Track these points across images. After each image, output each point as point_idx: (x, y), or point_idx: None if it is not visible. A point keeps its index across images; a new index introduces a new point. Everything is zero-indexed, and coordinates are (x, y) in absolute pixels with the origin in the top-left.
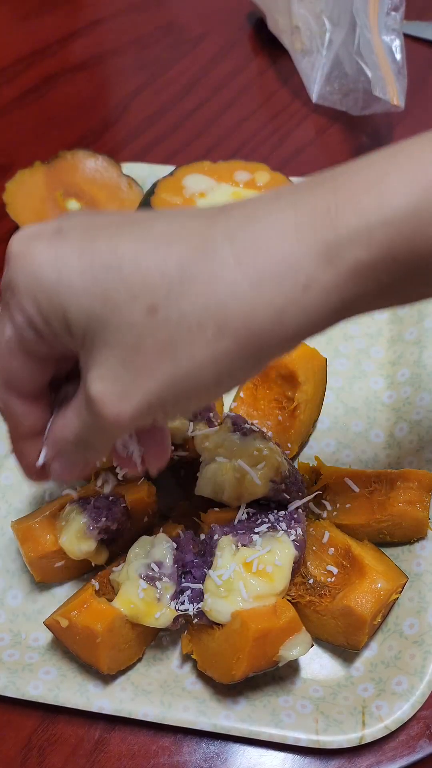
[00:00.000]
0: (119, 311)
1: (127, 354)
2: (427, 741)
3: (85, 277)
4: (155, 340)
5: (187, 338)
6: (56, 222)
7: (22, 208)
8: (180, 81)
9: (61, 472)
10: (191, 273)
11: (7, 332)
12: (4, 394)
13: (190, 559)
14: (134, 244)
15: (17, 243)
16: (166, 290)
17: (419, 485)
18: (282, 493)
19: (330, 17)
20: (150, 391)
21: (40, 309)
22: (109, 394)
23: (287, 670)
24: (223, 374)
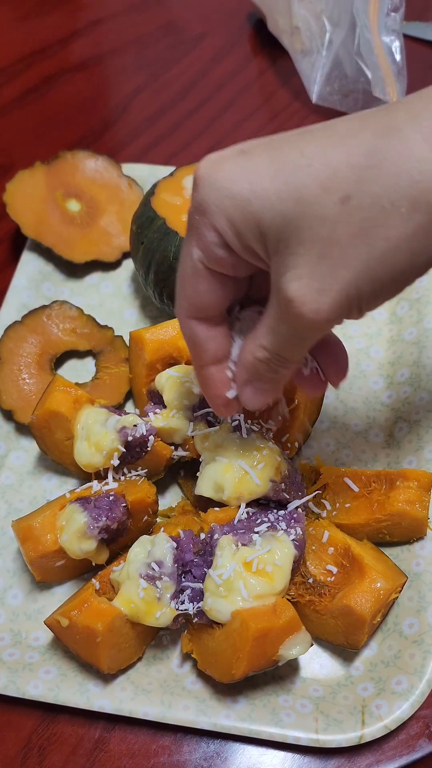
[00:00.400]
0: (312, 207)
1: (323, 247)
2: (426, 740)
3: (276, 182)
4: (349, 228)
5: (381, 219)
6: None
7: (22, 209)
8: (180, 81)
9: (254, 397)
10: (379, 157)
11: (194, 254)
12: (190, 322)
13: (190, 559)
14: (319, 141)
15: (204, 167)
16: (355, 177)
17: (419, 485)
18: (282, 493)
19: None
20: (347, 280)
21: (233, 223)
22: (307, 290)
23: (287, 670)
24: (417, 252)
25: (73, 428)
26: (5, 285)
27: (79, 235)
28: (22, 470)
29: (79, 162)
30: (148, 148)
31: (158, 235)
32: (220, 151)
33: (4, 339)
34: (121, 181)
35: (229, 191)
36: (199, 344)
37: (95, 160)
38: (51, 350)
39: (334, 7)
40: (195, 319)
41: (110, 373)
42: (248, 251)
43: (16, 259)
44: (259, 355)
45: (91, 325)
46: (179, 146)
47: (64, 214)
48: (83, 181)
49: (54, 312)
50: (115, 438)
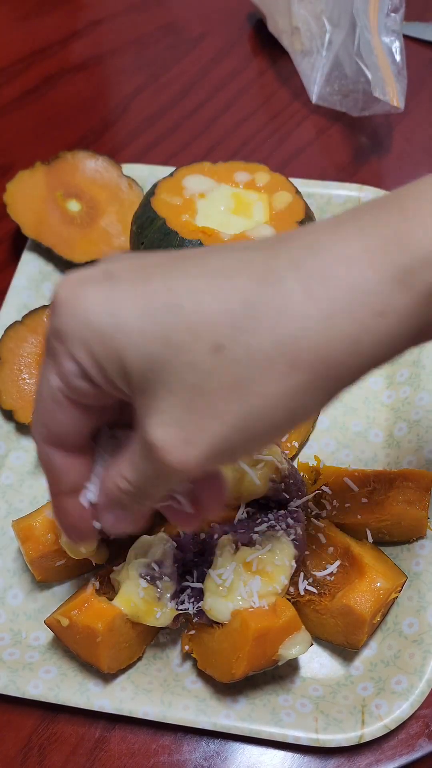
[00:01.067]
0: (181, 352)
1: (191, 397)
2: (426, 740)
3: (142, 320)
4: (221, 381)
5: (257, 376)
6: (103, 266)
7: (22, 209)
8: (180, 81)
9: (115, 524)
10: (257, 307)
11: (52, 383)
12: (46, 448)
13: (190, 559)
14: (192, 280)
15: (64, 289)
16: (230, 327)
17: (418, 485)
18: (282, 492)
19: (330, 18)
20: (217, 434)
21: (93, 356)
22: (172, 440)
23: (287, 669)
24: (297, 409)
25: None
26: (5, 285)
27: (79, 235)
28: (22, 470)
29: (79, 162)
30: (148, 148)
31: (158, 235)
32: (84, 271)
33: (4, 339)
34: (121, 182)
35: (89, 322)
36: (56, 473)
37: (95, 160)
38: None
39: (334, 8)
40: (53, 446)
41: None
42: (111, 385)
43: (16, 259)
44: (121, 486)
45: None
46: (179, 146)
47: (64, 214)
48: (83, 181)
49: None
50: None
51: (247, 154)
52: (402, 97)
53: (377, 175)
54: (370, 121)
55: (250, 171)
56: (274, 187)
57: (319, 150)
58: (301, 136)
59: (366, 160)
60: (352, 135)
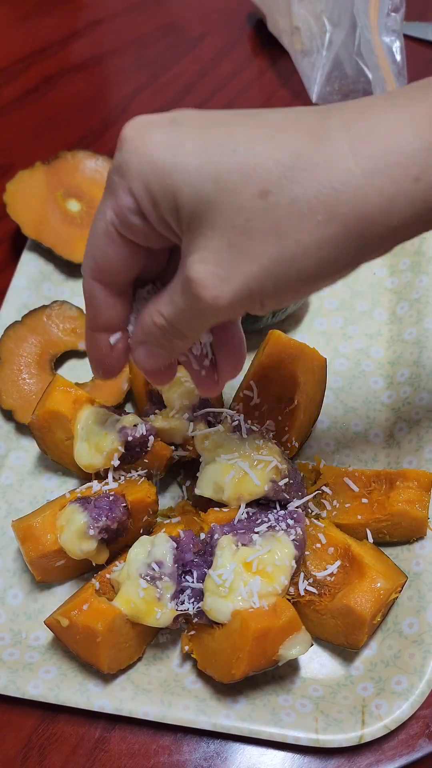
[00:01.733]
0: (230, 193)
1: (233, 237)
2: (426, 740)
3: (199, 159)
4: (263, 224)
5: (296, 222)
6: (169, 114)
7: (22, 209)
8: (180, 81)
9: (146, 358)
10: (305, 159)
11: (108, 216)
12: (92, 282)
13: (190, 559)
14: (249, 129)
15: (131, 128)
16: (278, 174)
17: (418, 485)
18: (282, 493)
19: (330, 18)
20: (252, 274)
21: (150, 190)
22: (210, 276)
23: (287, 670)
24: (326, 260)
25: (73, 428)
26: (5, 285)
27: (79, 235)
28: (22, 470)
29: (79, 162)
30: None
31: None
32: (151, 116)
33: (4, 339)
34: None
35: (151, 158)
36: (96, 308)
37: (95, 160)
38: (51, 350)
39: (335, 7)
40: (98, 281)
41: None
42: (162, 223)
43: (16, 259)
44: (156, 320)
45: None
46: None
47: (64, 214)
48: (83, 181)
49: (54, 312)
50: (115, 439)
51: None
52: None
53: None
54: None
55: None
56: None
57: None
58: None
59: None
60: None
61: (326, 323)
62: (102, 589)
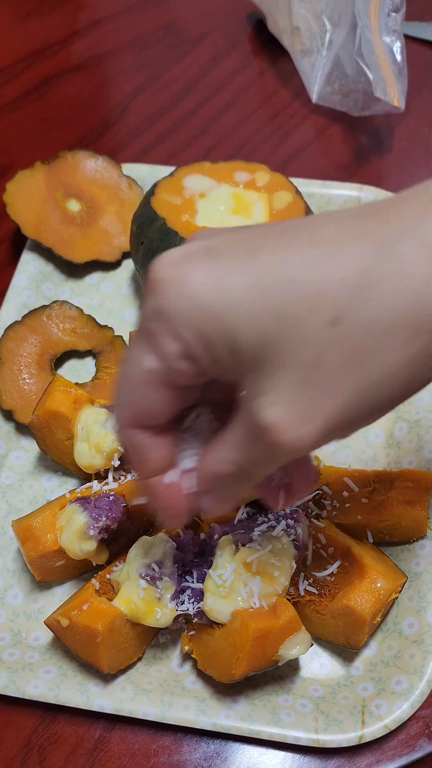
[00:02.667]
0: (296, 328)
1: (306, 373)
2: (426, 740)
3: (254, 295)
4: (338, 354)
5: (376, 346)
6: (200, 242)
7: (22, 209)
8: (180, 81)
9: (217, 506)
10: (374, 275)
11: (147, 365)
12: (132, 431)
13: (190, 559)
14: (303, 252)
15: (165, 268)
16: (347, 298)
17: (418, 485)
18: None
19: (330, 18)
20: (334, 410)
21: (201, 335)
22: (286, 419)
23: (287, 670)
24: (416, 376)
25: (74, 428)
26: (5, 285)
27: (79, 235)
28: (22, 470)
29: (79, 162)
30: (148, 148)
31: (158, 235)
32: (182, 249)
33: (4, 339)
34: (121, 181)
35: (198, 301)
36: (143, 454)
37: (95, 160)
38: (51, 350)
39: (335, 7)
40: (139, 428)
41: (110, 373)
42: (217, 364)
43: (16, 259)
44: (223, 469)
45: (91, 325)
46: (179, 146)
47: (64, 214)
48: (83, 181)
49: (54, 312)
50: (116, 439)
51: (247, 154)
52: (402, 98)
53: (377, 175)
54: (371, 121)
55: (250, 171)
56: (274, 187)
57: (319, 150)
58: (301, 136)
59: (366, 160)
60: (352, 135)
61: None
62: (102, 589)
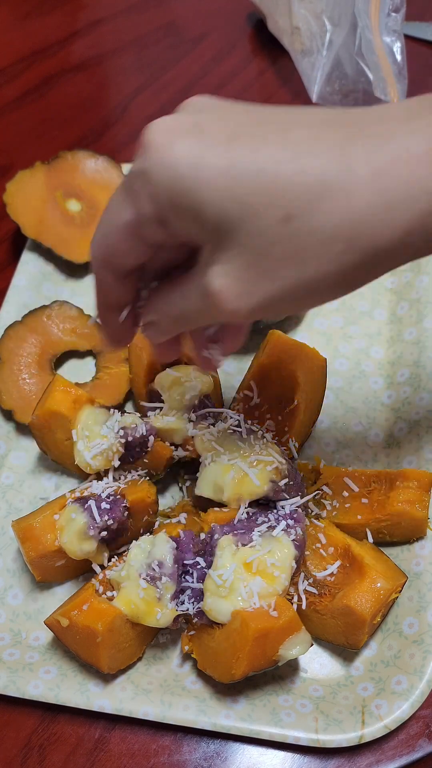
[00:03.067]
0: (254, 216)
1: (255, 257)
2: (426, 740)
3: (225, 178)
4: (284, 248)
5: (317, 250)
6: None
7: (22, 209)
8: (180, 81)
9: (155, 335)
10: (330, 187)
11: (125, 216)
12: (103, 270)
13: (190, 559)
14: (275, 149)
15: (155, 133)
16: (303, 201)
17: (418, 485)
18: (282, 493)
19: (330, 18)
20: (270, 293)
21: (174, 203)
22: (230, 290)
23: (287, 670)
24: (341, 283)
25: (73, 428)
26: (5, 285)
27: (79, 235)
28: (22, 470)
29: (79, 162)
30: None
31: None
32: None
33: (4, 339)
34: None
35: (177, 171)
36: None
37: (95, 160)
38: (51, 350)
39: (335, 7)
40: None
41: (110, 373)
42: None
43: (16, 259)
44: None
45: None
46: None
47: (64, 214)
48: (83, 181)
49: (54, 312)
50: (115, 440)
51: None
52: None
53: None
54: None
55: None
56: None
57: None
58: None
59: None
60: None
61: (326, 323)
62: (102, 589)
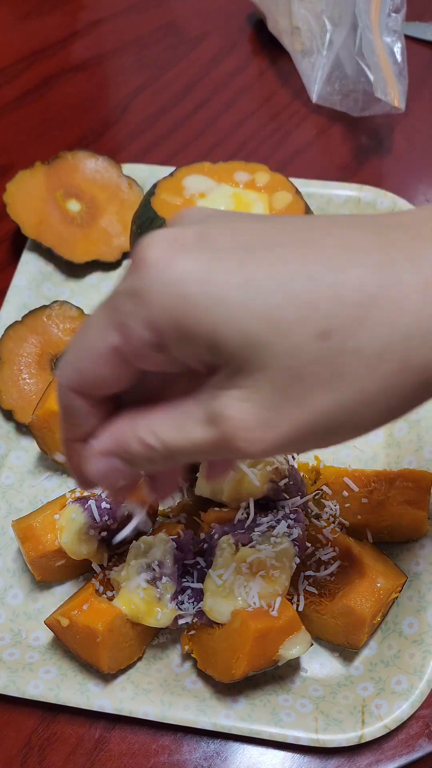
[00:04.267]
0: (284, 334)
1: (285, 380)
2: (426, 740)
3: (244, 293)
4: (321, 369)
5: (362, 370)
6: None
7: (22, 209)
8: (180, 81)
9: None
10: (374, 299)
11: (108, 339)
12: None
13: (190, 559)
14: (303, 257)
15: (153, 248)
16: (343, 315)
17: (418, 485)
18: (281, 493)
19: (330, 18)
20: (300, 422)
21: (178, 327)
22: (250, 419)
23: (287, 669)
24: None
25: None
26: (5, 285)
27: (79, 235)
28: (22, 470)
29: (79, 162)
30: (148, 148)
31: None
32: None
33: (4, 339)
34: (121, 181)
35: (182, 290)
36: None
37: (95, 160)
38: (51, 350)
39: (335, 8)
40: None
41: None
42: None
43: (16, 259)
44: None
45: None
46: (179, 146)
47: (64, 214)
48: (83, 181)
49: (54, 312)
50: None
51: (247, 154)
52: (403, 98)
53: (377, 175)
54: (371, 121)
55: (250, 171)
56: (274, 187)
57: (319, 150)
58: (301, 136)
59: (366, 160)
60: (353, 135)
61: None
62: (102, 589)
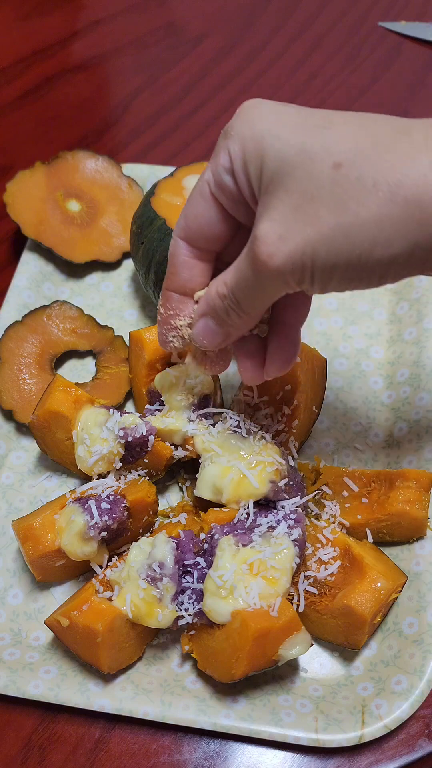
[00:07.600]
0: (308, 162)
1: (301, 200)
2: (426, 740)
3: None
4: (329, 193)
5: (358, 195)
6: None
7: (22, 209)
8: (180, 81)
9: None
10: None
11: (206, 174)
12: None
13: (191, 559)
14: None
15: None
16: (355, 152)
17: (418, 485)
18: (282, 493)
19: None
20: (308, 238)
21: (244, 151)
22: (271, 233)
23: (287, 669)
24: (380, 240)
25: (74, 428)
26: (5, 285)
27: (79, 235)
28: (22, 470)
29: (79, 162)
30: (148, 148)
31: (158, 235)
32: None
33: (4, 339)
34: (121, 181)
35: (252, 124)
36: (176, 266)
37: (95, 160)
38: (51, 350)
39: None
40: (184, 239)
41: (110, 373)
42: (247, 184)
43: (16, 259)
44: (219, 290)
45: (91, 325)
46: (179, 146)
47: (65, 215)
48: (83, 181)
49: (54, 312)
50: (116, 443)
51: None
52: None
53: None
54: None
55: None
56: None
57: None
58: None
59: None
60: None
61: (326, 323)
62: (102, 589)
